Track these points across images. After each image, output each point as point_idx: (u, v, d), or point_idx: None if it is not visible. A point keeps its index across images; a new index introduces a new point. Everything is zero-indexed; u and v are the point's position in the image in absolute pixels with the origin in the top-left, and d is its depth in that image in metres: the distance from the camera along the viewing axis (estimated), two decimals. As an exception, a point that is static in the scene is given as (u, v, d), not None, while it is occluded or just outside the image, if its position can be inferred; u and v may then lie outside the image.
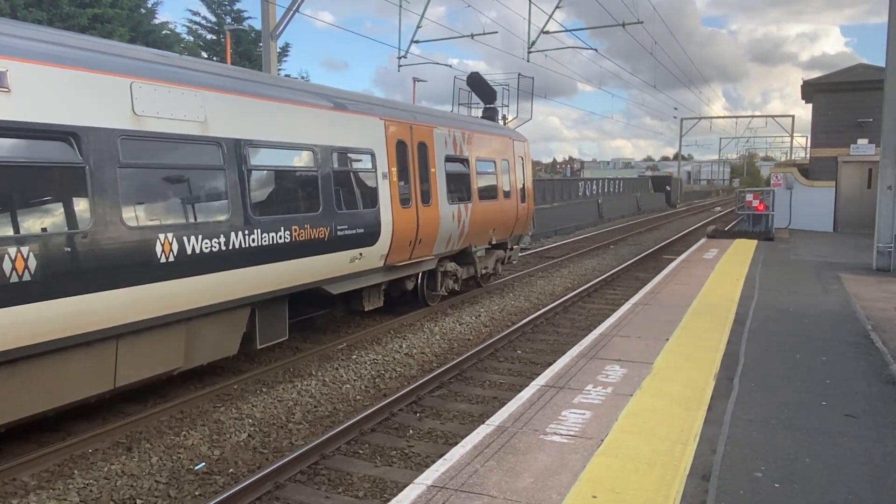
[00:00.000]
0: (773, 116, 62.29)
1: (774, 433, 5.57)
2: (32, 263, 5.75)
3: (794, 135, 60.55)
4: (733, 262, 16.46)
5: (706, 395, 6.46)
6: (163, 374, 7.56)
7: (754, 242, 21.14)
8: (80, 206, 6.29)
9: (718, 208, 58.37)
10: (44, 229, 5.97)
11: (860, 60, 32.04)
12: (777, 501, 4.41)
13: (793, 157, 55.18)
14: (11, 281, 5.60)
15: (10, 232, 5.70)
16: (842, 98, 25.18)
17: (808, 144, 33.20)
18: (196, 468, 6.54)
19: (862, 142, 24.81)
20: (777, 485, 4.65)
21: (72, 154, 6.21)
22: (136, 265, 6.70)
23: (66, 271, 6.06)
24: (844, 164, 25.40)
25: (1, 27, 6.01)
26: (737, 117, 68.95)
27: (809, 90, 26.53)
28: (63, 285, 6.02)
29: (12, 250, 5.61)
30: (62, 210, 6.23)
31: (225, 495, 5.64)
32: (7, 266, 5.56)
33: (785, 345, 8.43)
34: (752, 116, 66.72)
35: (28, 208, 6.01)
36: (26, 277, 5.71)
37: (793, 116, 60.71)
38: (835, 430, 5.67)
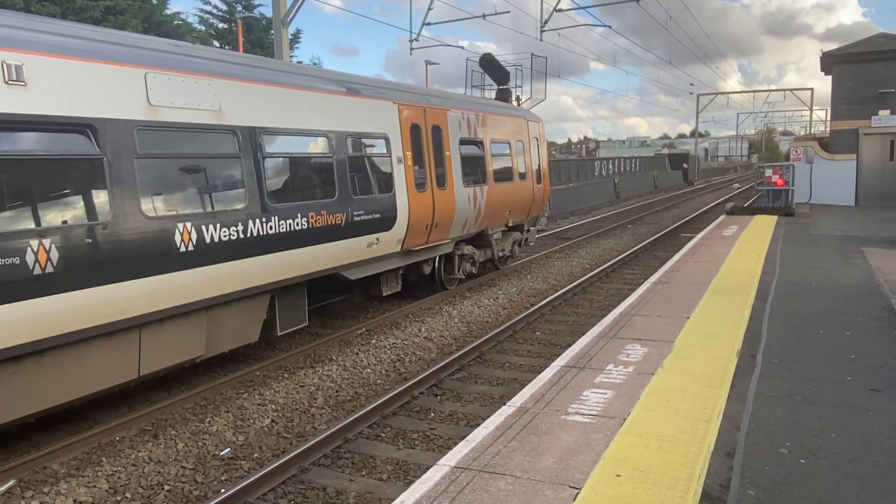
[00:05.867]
0: (791, 90, 61.30)
1: (799, 409, 5.52)
2: (54, 255, 5.82)
3: (814, 108, 59.65)
4: (753, 238, 16.28)
5: (729, 372, 6.41)
6: (186, 362, 7.65)
7: (774, 218, 20.89)
8: (99, 197, 6.33)
9: (737, 185, 57.71)
10: (64, 222, 6.03)
11: (878, 30, 31.47)
12: (803, 477, 4.38)
13: (812, 131, 54.33)
14: (35, 273, 5.67)
15: (31, 225, 5.76)
16: (862, 69, 24.69)
17: (828, 117, 32.65)
18: (221, 454, 6.62)
19: (883, 113, 24.34)
20: (803, 460, 4.61)
21: (89, 146, 6.25)
22: (156, 255, 6.76)
23: (87, 262, 6.12)
24: (866, 136, 24.96)
25: (15, 21, 6.04)
26: (754, 92, 67.75)
27: (829, 62, 26.03)
28: (85, 276, 6.08)
29: (34, 243, 5.67)
30: (81, 202, 6.28)
31: (251, 480, 5.71)
32: (30, 259, 5.63)
33: (808, 320, 8.34)
34: (770, 91, 65.60)
35: (48, 201, 6.07)
36: (49, 269, 5.77)
37: (812, 89, 59.79)
38: (860, 404, 5.61)
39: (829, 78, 26.30)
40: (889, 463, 4.56)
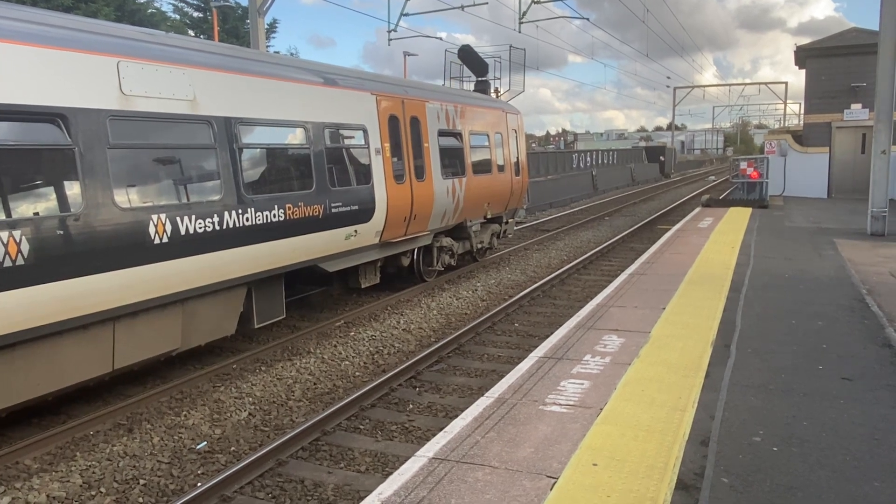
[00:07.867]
0: (766, 83, 62.06)
1: (772, 398, 5.61)
2: (25, 247, 5.71)
3: (787, 101, 60.45)
4: (728, 230, 16.48)
5: (703, 361, 6.49)
6: (161, 356, 7.56)
7: (749, 210, 21.15)
8: (71, 188, 6.22)
9: (713, 177, 58.32)
10: (35, 213, 5.92)
11: (849, 25, 31.84)
12: (775, 465, 4.46)
13: (786, 124, 55.04)
14: (5, 265, 5.56)
15: (1, 216, 5.64)
16: (835, 63, 25.06)
17: (802, 111, 33.10)
18: (198, 447, 6.57)
19: (855, 107, 24.74)
20: (775, 448, 4.69)
21: (60, 136, 6.14)
22: (130, 247, 6.66)
23: (59, 255, 6.02)
24: (838, 129, 25.36)
25: (-18, 7, 5.90)
26: (730, 85, 68.68)
27: (802, 56, 26.37)
28: (57, 269, 5.98)
29: (4, 235, 5.56)
30: (53, 193, 6.17)
31: (228, 473, 5.67)
32: (-1, 251, 5.52)
33: (781, 311, 8.47)
34: (745, 84, 66.48)
35: (18, 192, 5.94)
36: (20, 262, 5.67)
37: (786, 83, 60.52)
38: (832, 393, 5.71)
39: (803, 72, 26.65)
40: (858, 450, 4.65)
